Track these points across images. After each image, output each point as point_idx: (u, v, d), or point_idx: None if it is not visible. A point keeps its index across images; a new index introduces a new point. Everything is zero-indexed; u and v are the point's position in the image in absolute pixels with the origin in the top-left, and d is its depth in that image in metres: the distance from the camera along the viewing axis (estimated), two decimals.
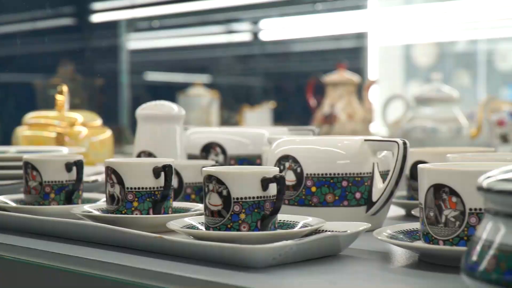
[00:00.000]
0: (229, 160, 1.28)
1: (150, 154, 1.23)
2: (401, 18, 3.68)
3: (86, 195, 1.15)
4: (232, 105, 3.10)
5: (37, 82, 2.60)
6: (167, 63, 3.67)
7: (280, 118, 2.91)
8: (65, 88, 1.70)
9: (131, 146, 2.87)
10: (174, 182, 1.11)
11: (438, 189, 0.77)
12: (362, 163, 1.00)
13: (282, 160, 1.02)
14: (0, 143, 2.01)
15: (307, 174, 1.00)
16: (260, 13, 3.09)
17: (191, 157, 1.31)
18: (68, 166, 1.07)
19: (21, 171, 1.22)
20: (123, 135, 2.88)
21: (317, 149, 1.01)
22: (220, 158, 1.28)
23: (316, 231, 0.88)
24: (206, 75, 3.52)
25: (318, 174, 0.99)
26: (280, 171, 1.00)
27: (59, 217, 0.97)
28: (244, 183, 0.85)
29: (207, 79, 3.49)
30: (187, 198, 1.12)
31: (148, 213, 0.97)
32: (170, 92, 3.59)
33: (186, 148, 1.29)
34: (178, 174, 1.12)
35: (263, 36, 3.31)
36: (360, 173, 0.99)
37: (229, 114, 2.90)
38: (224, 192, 0.85)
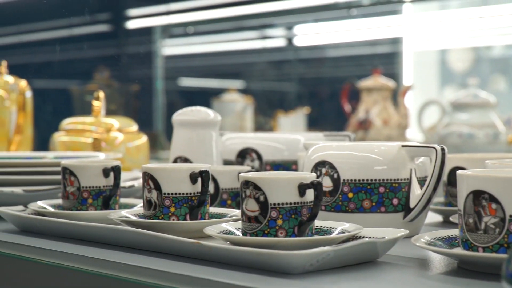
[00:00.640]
0: (264, 165, 1.27)
1: (186, 160, 1.23)
2: (436, 23, 3.65)
3: (123, 200, 1.15)
4: (266, 110, 3.10)
5: (74, 88, 2.62)
6: (201, 68, 3.68)
7: (314, 123, 2.91)
8: (101, 94, 1.71)
9: (165, 152, 2.88)
10: (210, 188, 1.11)
11: (478, 196, 0.76)
12: (400, 169, 0.99)
13: (319, 166, 1.02)
14: (37, 148, 2.02)
15: (343, 180, 0.99)
16: (295, 18, 3.09)
17: (226, 162, 1.31)
18: (106, 172, 1.08)
19: (58, 177, 1.23)
20: (157, 140, 2.89)
21: (354, 155, 1.00)
22: (256, 163, 1.28)
23: (353, 237, 0.88)
24: (239, 81, 3.53)
25: (355, 180, 0.99)
26: (317, 177, 1.00)
27: (97, 222, 0.98)
28: (281, 188, 0.85)
29: (240, 84, 3.50)
30: (223, 204, 1.12)
31: (185, 219, 0.97)
32: (204, 97, 3.60)
33: (221, 154, 1.29)
34: (214, 179, 1.12)
35: (298, 42, 3.31)
36: (398, 179, 0.99)
37: (264, 120, 2.90)
38: (261, 198, 0.85)
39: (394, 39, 3.57)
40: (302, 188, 0.85)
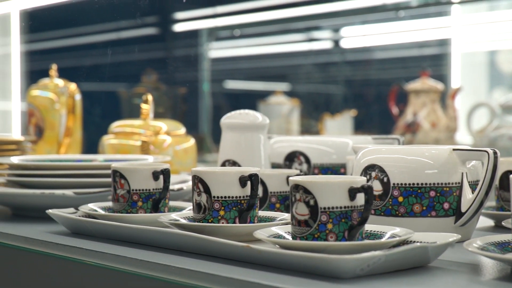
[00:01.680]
0: (312, 169, 1.27)
1: (234, 163, 1.24)
2: (485, 24, 3.61)
3: (171, 203, 1.16)
4: (312, 113, 3.09)
5: (122, 91, 2.64)
6: (246, 71, 3.69)
7: (360, 126, 2.89)
8: (150, 97, 1.72)
9: (212, 155, 2.89)
10: (259, 191, 1.11)
11: None
12: (451, 173, 0.98)
13: (368, 170, 1.01)
14: (86, 151, 2.05)
15: (394, 184, 0.99)
16: (342, 20, 3.08)
17: (274, 166, 1.31)
18: (155, 175, 1.08)
19: (108, 179, 1.24)
20: (204, 143, 2.90)
21: (404, 159, 0.99)
22: (304, 167, 1.27)
23: (404, 242, 0.87)
24: (285, 83, 3.52)
25: (405, 184, 0.98)
26: (367, 180, 0.99)
27: (147, 225, 0.99)
28: (331, 192, 0.84)
29: (286, 87, 3.49)
30: (271, 207, 1.12)
31: (234, 222, 0.97)
32: (249, 100, 3.60)
33: (269, 157, 1.29)
34: (263, 183, 1.12)
35: (344, 44, 3.30)
36: (449, 183, 0.98)
37: (311, 123, 2.89)
38: (311, 202, 0.85)
39: (442, 40, 3.54)
40: (353, 192, 0.84)
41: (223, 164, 1.25)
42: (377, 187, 1.00)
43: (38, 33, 3.56)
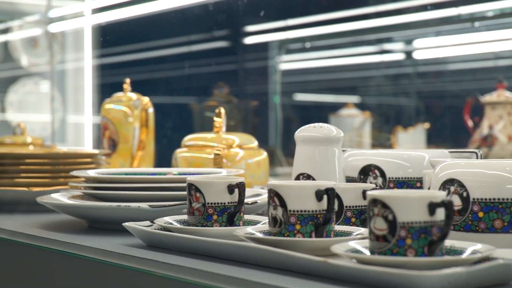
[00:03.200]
0: (388, 183, 1.25)
1: (309, 177, 1.23)
2: None
3: (246, 217, 1.16)
4: (383, 126, 3.06)
5: (193, 105, 2.66)
6: (315, 83, 3.68)
7: (433, 139, 2.85)
8: (222, 111, 1.73)
9: (283, 168, 2.89)
10: (335, 205, 1.10)
11: None
12: None
13: (447, 184, 0.99)
14: (158, 164, 2.06)
15: (473, 199, 0.96)
16: (414, 32, 3.05)
17: (348, 179, 1.30)
18: (230, 188, 1.08)
19: (183, 193, 1.25)
20: (274, 156, 2.90)
21: (484, 173, 0.97)
22: (379, 181, 1.26)
23: (486, 259, 0.85)
24: (355, 96, 3.50)
25: (486, 199, 0.96)
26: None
27: (222, 239, 0.99)
28: (410, 207, 0.83)
29: (356, 99, 3.47)
30: (347, 222, 1.11)
31: (310, 236, 0.96)
32: (319, 112, 3.59)
33: (344, 171, 1.28)
34: (338, 197, 1.11)
35: (417, 55, 3.27)
36: None
37: (383, 136, 2.87)
38: (390, 217, 0.83)
39: None
40: (432, 207, 0.83)
41: (297, 178, 1.24)
42: (456, 202, 0.98)
43: (110, 48, 3.62)
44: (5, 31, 3.97)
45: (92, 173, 1.41)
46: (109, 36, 3.59)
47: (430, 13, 2.78)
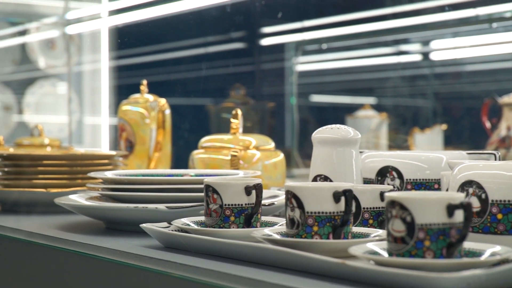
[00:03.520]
0: (405, 184, 1.25)
1: (326, 178, 1.22)
2: None
3: (263, 218, 1.15)
4: (400, 127, 3.05)
5: (210, 106, 2.66)
6: (331, 85, 3.67)
7: (450, 140, 2.84)
8: (239, 112, 1.73)
9: (299, 169, 2.88)
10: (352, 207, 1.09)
11: None
12: None
13: (465, 186, 0.99)
14: (175, 166, 2.07)
15: (492, 201, 0.96)
16: (432, 33, 3.04)
17: (365, 181, 1.29)
18: (248, 190, 1.08)
19: (200, 194, 1.25)
20: (291, 157, 2.90)
21: (503, 175, 0.97)
22: (397, 182, 1.25)
23: (505, 261, 0.84)
24: (371, 97, 3.49)
25: (505, 201, 0.95)
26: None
27: (239, 240, 0.99)
28: (429, 209, 0.83)
29: (372, 100, 3.46)
30: (364, 223, 1.11)
31: (327, 238, 0.96)
32: (335, 114, 3.58)
33: (360, 172, 1.27)
34: (355, 198, 1.11)
35: (434, 56, 3.25)
36: None
37: (400, 137, 2.85)
38: (408, 218, 0.83)
39: None
40: (451, 209, 0.83)
41: (315, 179, 1.24)
42: (474, 203, 0.97)
43: (127, 49, 3.63)
44: (23, 33, 3.99)
45: (109, 174, 1.42)
46: (126, 38, 3.60)
47: (448, 14, 2.77)
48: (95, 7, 3.80)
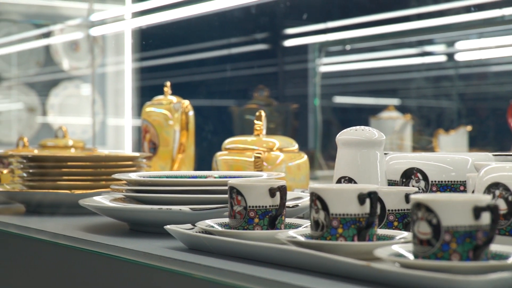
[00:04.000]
0: (431, 186, 1.24)
1: (350, 180, 1.22)
2: None
3: (287, 220, 1.15)
4: (424, 128, 3.03)
5: (233, 107, 2.66)
6: (355, 86, 3.66)
7: (475, 142, 2.82)
8: (263, 114, 1.72)
9: (322, 171, 2.88)
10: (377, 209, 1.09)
11: None
12: None
13: (492, 188, 0.98)
14: (198, 167, 2.07)
15: None
16: (456, 33, 3.02)
17: (390, 183, 1.28)
18: (272, 191, 1.08)
19: (224, 196, 1.25)
20: (314, 159, 2.89)
21: None
22: (422, 184, 1.24)
23: None
24: (394, 98, 3.48)
25: None
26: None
27: (264, 242, 0.98)
28: (455, 211, 0.82)
29: (396, 102, 3.45)
30: (389, 225, 1.10)
31: (352, 240, 0.95)
32: (359, 115, 3.57)
33: (386, 174, 1.27)
34: (380, 200, 1.10)
35: (459, 57, 3.24)
36: None
37: (427, 139, 2.84)
38: (434, 221, 0.82)
39: None
40: (478, 211, 0.82)
41: (339, 181, 1.24)
42: (501, 206, 0.96)
43: (150, 51, 3.64)
44: (47, 35, 4.01)
45: (133, 176, 1.42)
46: (149, 40, 3.61)
47: (473, 15, 2.75)
48: (119, 9, 3.82)
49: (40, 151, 2.34)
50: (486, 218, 0.82)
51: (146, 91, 3.66)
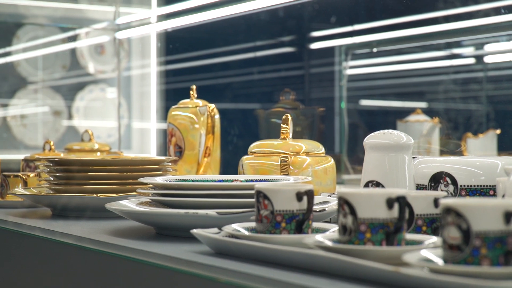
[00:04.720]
0: (460, 191, 1.23)
1: (378, 184, 1.21)
2: None
3: (314, 224, 1.14)
4: (452, 132, 3.01)
5: (259, 111, 2.65)
6: (382, 89, 3.64)
7: (504, 146, 2.79)
8: (289, 117, 1.71)
9: (349, 175, 2.86)
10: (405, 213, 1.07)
11: None
12: None
13: None
14: (224, 171, 2.06)
15: None
16: (485, 36, 3.00)
17: (418, 187, 1.27)
18: (299, 196, 1.07)
19: (251, 200, 1.24)
20: (340, 163, 2.87)
21: None
22: (450, 188, 1.23)
23: None
24: (422, 102, 3.45)
25: None
26: None
27: (291, 246, 0.98)
28: (485, 216, 0.81)
29: (423, 105, 3.42)
30: (418, 230, 1.09)
31: (380, 245, 0.94)
32: (385, 118, 3.55)
33: (414, 178, 1.25)
34: (408, 205, 1.09)
35: (488, 60, 3.21)
36: None
37: (455, 142, 2.81)
38: (464, 226, 0.81)
39: None
40: (508, 216, 0.80)
41: (367, 185, 1.23)
42: None
43: (175, 54, 3.64)
44: (73, 38, 4.03)
45: (159, 180, 1.41)
46: (175, 43, 3.61)
47: (503, 17, 2.73)
48: (145, 12, 3.83)
49: (66, 154, 2.35)
50: None
51: (171, 94, 3.67)
